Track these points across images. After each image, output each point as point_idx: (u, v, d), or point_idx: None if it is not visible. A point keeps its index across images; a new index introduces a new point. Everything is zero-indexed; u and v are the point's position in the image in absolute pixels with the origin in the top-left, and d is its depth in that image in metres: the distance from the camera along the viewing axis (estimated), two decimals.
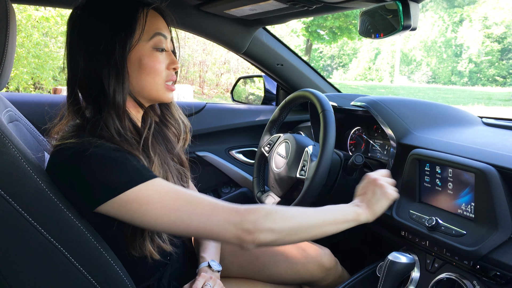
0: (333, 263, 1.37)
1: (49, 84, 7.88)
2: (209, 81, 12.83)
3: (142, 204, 0.83)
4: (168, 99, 1.02)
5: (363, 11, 1.26)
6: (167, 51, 0.99)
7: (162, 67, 0.97)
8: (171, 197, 0.85)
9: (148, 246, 0.94)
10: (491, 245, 0.96)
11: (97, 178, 0.82)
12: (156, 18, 0.97)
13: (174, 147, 1.11)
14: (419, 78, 28.70)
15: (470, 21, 27.22)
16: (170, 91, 1.02)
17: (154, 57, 0.95)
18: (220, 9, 1.51)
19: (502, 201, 0.96)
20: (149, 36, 0.94)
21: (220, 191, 2.06)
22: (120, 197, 0.82)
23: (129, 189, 0.82)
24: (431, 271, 1.18)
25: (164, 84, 0.99)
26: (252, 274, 1.32)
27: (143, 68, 0.94)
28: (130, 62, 0.93)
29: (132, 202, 0.82)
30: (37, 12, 7.29)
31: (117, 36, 0.90)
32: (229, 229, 0.85)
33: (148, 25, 0.94)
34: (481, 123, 1.48)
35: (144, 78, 0.95)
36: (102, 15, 0.92)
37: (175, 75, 1.02)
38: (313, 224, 0.94)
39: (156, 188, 0.84)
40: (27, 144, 0.89)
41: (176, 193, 0.86)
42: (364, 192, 1.10)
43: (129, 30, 0.91)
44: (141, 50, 0.93)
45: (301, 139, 1.46)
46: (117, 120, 0.91)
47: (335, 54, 32.94)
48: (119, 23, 0.91)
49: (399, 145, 1.31)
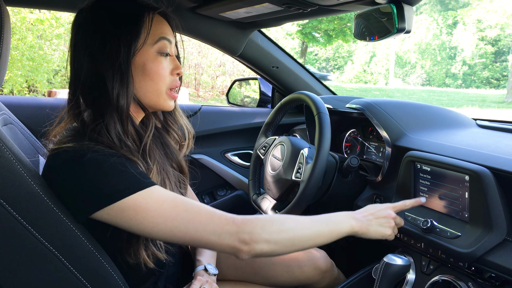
0: (329, 266, 1.37)
1: (43, 87, 7.85)
2: (205, 83, 12.82)
3: (138, 212, 0.82)
4: (169, 107, 1.00)
5: (358, 14, 1.26)
6: (171, 56, 0.98)
7: (166, 73, 0.95)
8: (168, 206, 0.84)
9: (142, 254, 0.94)
10: (486, 246, 0.96)
11: (94, 185, 0.81)
12: (162, 23, 0.95)
13: (173, 153, 1.09)
14: (413, 80, 28.81)
15: (464, 23, 27.40)
16: (172, 98, 1.00)
17: (158, 62, 0.94)
18: (216, 12, 1.51)
19: (497, 202, 0.96)
20: (154, 40, 0.93)
21: (216, 194, 2.05)
22: (117, 204, 0.81)
23: (126, 197, 0.81)
24: (426, 273, 1.18)
25: (166, 91, 0.97)
26: (248, 276, 1.31)
27: (146, 72, 0.93)
28: (134, 66, 0.91)
29: (128, 209, 0.81)
30: (32, 15, 7.27)
31: (122, 39, 0.89)
32: (225, 239, 0.84)
33: (154, 29, 0.93)
34: (475, 125, 1.49)
35: (147, 83, 0.94)
36: (107, 17, 0.91)
37: (179, 81, 1.00)
38: (308, 236, 0.94)
39: (153, 196, 0.83)
40: (21, 147, 0.89)
41: (173, 201, 0.85)
42: (372, 212, 1.06)
43: (134, 33, 0.90)
44: (146, 54, 0.92)
45: (296, 142, 1.46)
46: (119, 124, 0.89)
47: (330, 57, 33.02)
48: (125, 26, 0.90)
49: (394, 147, 1.31)
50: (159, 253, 0.98)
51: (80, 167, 0.81)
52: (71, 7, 1.47)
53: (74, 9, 1.50)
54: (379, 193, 1.38)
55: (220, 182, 2.03)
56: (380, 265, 1.09)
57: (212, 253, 1.22)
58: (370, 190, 1.42)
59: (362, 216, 1.03)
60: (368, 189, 1.43)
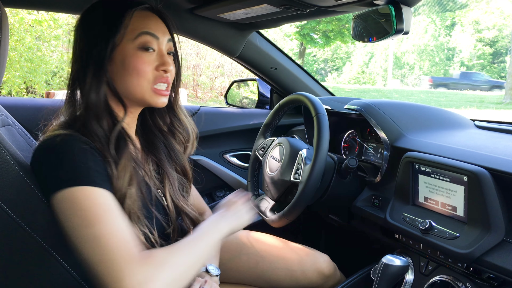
0: (332, 270, 1.37)
1: (41, 88, 7.84)
2: (203, 84, 12.82)
3: (69, 208, 0.79)
4: (157, 104, 0.98)
5: (356, 15, 1.26)
6: (159, 52, 0.96)
7: (147, 68, 0.94)
8: (95, 213, 0.79)
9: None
10: (484, 247, 0.96)
11: (51, 170, 0.81)
12: (146, 18, 0.95)
13: (178, 156, 1.09)
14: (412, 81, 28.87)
15: (461, 25, 27.47)
16: (159, 95, 0.97)
17: (137, 57, 0.93)
18: (214, 13, 1.51)
19: (495, 203, 0.96)
20: (134, 35, 0.93)
21: (215, 195, 2.05)
22: (62, 192, 0.79)
23: (69, 187, 0.79)
24: (425, 273, 1.18)
25: (151, 87, 0.96)
26: (250, 280, 1.31)
27: (125, 68, 0.93)
28: (114, 62, 0.93)
29: (66, 201, 0.79)
30: (30, 16, 7.26)
31: (101, 35, 0.92)
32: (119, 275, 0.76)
33: (134, 24, 0.93)
34: (473, 126, 1.49)
35: (127, 78, 0.94)
36: (94, 16, 0.95)
37: (166, 77, 0.98)
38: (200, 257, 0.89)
39: (91, 197, 0.80)
40: (19, 148, 0.89)
41: (103, 212, 0.80)
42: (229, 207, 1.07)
43: (113, 29, 0.91)
44: (125, 50, 0.92)
45: (295, 143, 1.46)
46: (94, 120, 0.90)
47: (329, 58, 33.05)
48: (104, 23, 0.93)
49: (392, 148, 1.31)
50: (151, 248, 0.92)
51: (44, 153, 0.84)
52: (70, 8, 1.47)
53: (72, 10, 1.51)
54: (378, 194, 1.38)
55: (218, 183, 2.03)
56: (379, 266, 1.09)
57: (214, 254, 1.19)
58: (368, 191, 1.42)
59: (226, 213, 1.02)
60: (367, 190, 1.43)
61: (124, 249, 0.78)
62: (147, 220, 0.94)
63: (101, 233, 0.78)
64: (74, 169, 0.81)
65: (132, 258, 0.78)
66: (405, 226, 1.16)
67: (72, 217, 0.79)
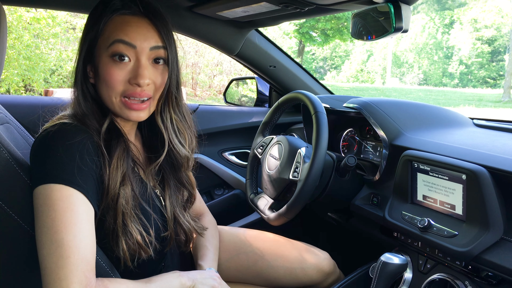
0: (332, 268, 1.37)
1: (40, 86, 7.83)
2: (202, 83, 12.81)
3: (43, 204, 0.77)
4: (128, 117, 0.92)
5: (355, 13, 1.26)
6: (136, 62, 0.89)
7: (117, 79, 0.88)
8: (65, 220, 0.76)
9: (122, 245, 0.88)
10: (482, 245, 0.96)
11: (36, 163, 0.81)
12: (124, 24, 0.88)
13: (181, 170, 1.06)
14: (410, 80, 28.90)
15: (460, 23, 27.49)
16: (131, 109, 0.90)
17: (108, 67, 0.88)
18: (213, 11, 1.51)
19: (493, 202, 0.97)
20: (108, 43, 0.88)
21: (213, 193, 2.05)
22: (40, 187, 0.78)
23: (48, 183, 0.78)
24: (423, 271, 1.18)
25: (120, 99, 0.90)
26: (250, 279, 1.31)
27: (99, 76, 0.90)
28: (94, 70, 0.92)
29: (41, 196, 0.78)
30: (28, 13, 7.24)
31: (83, 39, 0.91)
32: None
33: (109, 31, 0.88)
34: (472, 124, 1.49)
35: (101, 87, 0.91)
36: (87, 19, 0.94)
37: (140, 91, 0.90)
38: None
39: (67, 201, 0.77)
40: (17, 146, 0.89)
41: (74, 221, 0.77)
42: (199, 275, 1.01)
43: (91, 35, 0.90)
44: (100, 58, 0.89)
45: (294, 141, 1.46)
46: (85, 117, 0.90)
47: (328, 56, 33.06)
48: (86, 28, 0.92)
49: (391, 147, 1.31)
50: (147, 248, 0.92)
51: (36, 147, 0.83)
52: (70, 6, 1.47)
53: (72, 8, 1.50)
54: (376, 192, 1.38)
55: (217, 181, 2.03)
56: (377, 264, 1.09)
57: (213, 257, 1.18)
58: (367, 190, 1.42)
59: (189, 274, 0.98)
60: (365, 188, 1.43)
61: (80, 269, 0.75)
62: (144, 218, 0.94)
63: (63, 243, 0.75)
64: (57, 165, 0.79)
65: (84, 283, 0.74)
66: (404, 224, 1.16)
67: (42, 215, 0.77)
